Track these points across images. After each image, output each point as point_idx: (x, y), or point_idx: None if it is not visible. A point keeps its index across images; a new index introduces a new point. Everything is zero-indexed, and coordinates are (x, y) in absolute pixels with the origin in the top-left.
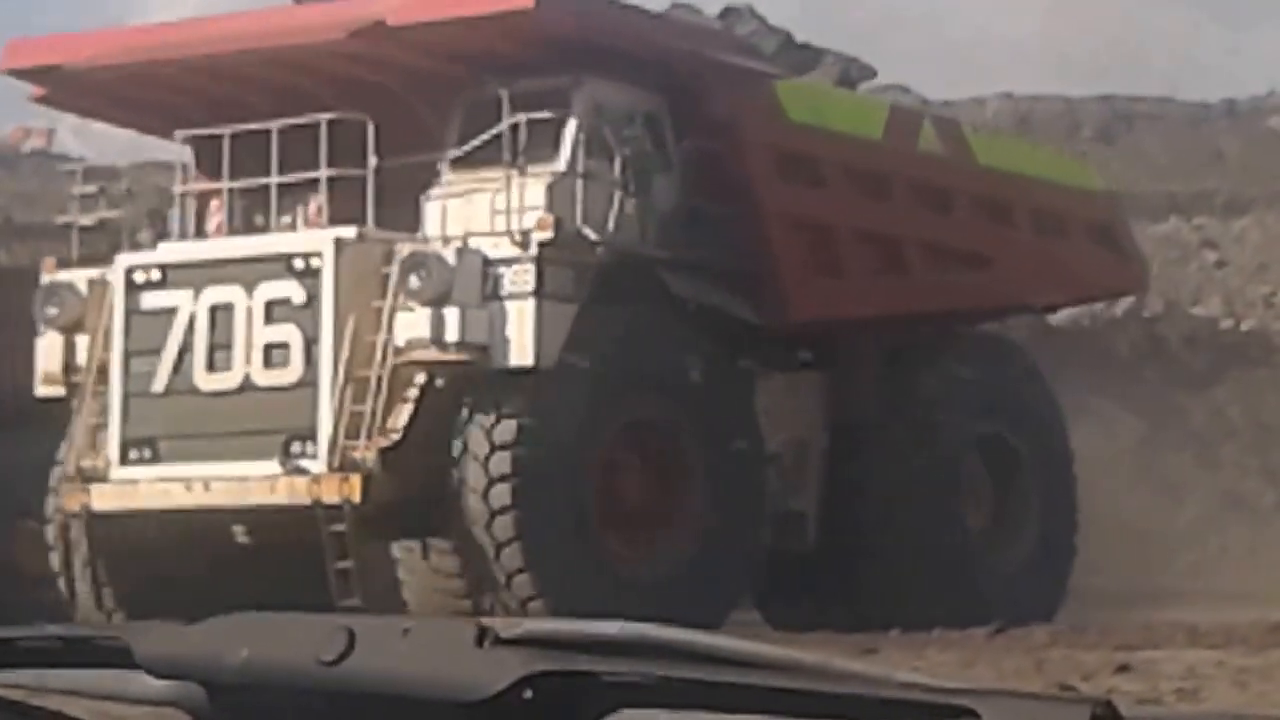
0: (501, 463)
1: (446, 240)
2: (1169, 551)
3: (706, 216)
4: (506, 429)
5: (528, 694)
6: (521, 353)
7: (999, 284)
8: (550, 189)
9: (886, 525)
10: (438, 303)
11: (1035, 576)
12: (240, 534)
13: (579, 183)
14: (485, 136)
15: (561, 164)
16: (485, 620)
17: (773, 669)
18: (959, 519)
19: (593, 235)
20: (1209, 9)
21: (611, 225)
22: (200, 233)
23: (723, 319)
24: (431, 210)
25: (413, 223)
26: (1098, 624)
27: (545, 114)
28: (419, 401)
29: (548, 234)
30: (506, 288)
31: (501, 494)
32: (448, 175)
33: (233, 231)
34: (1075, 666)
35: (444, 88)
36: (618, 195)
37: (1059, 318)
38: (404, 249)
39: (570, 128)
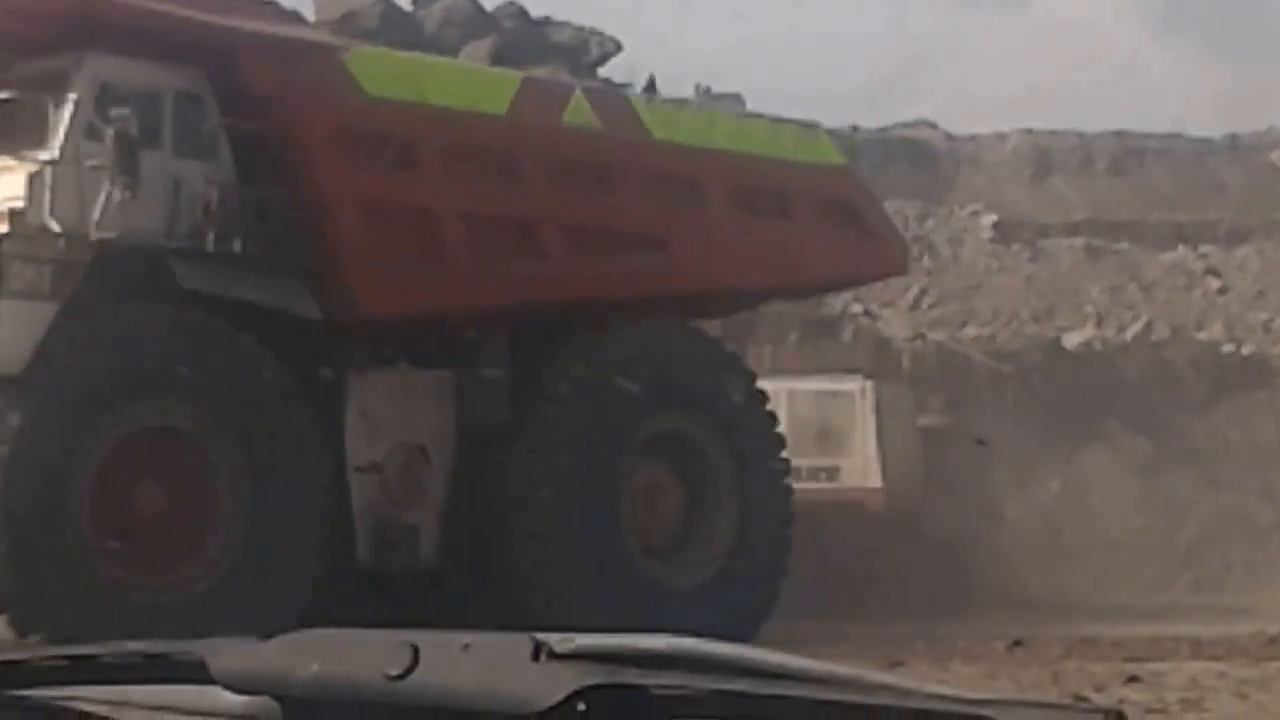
0: None
1: None
2: (1174, 568)
3: (260, 203)
4: None
5: (581, 706)
6: None
7: (682, 269)
8: (32, 178)
9: (526, 537)
10: None
11: (731, 588)
12: None
13: (50, 171)
14: None
15: (55, 150)
16: (540, 635)
17: (810, 681)
18: (615, 528)
19: (56, 227)
20: (1214, 50)
21: (98, 215)
22: None
23: (277, 316)
24: None
25: None
26: (1109, 638)
27: (4, 95)
28: None
29: (2, 227)
30: None
31: None
32: None
33: None
34: (1088, 678)
35: None
36: (111, 183)
37: (1071, 342)
38: None
39: (63, 111)
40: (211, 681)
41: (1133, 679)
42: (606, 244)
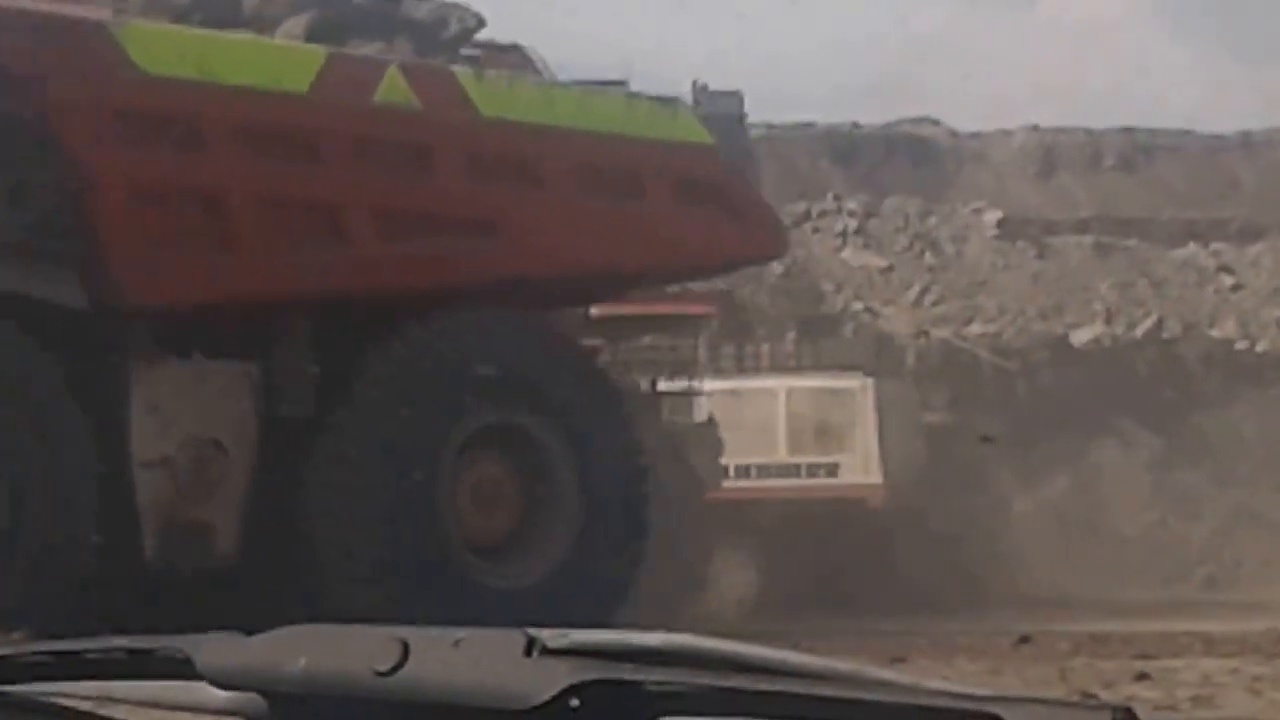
0: None
1: None
2: (1185, 564)
3: (17, 187)
4: None
5: (574, 702)
6: None
7: (515, 254)
8: None
9: (330, 535)
10: None
11: (565, 594)
12: None
13: None
14: None
15: None
16: (533, 631)
17: (808, 677)
18: (434, 526)
19: None
20: (1225, 45)
21: None
22: None
23: (42, 306)
24: None
25: None
26: (1118, 634)
27: None
28: None
29: None
30: None
31: None
32: None
33: None
34: (1096, 675)
35: None
36: None
37: (1080, 339)
38: None
39: None
40: (197, 677)
41: (1143, 676)
42: (425, 229)
